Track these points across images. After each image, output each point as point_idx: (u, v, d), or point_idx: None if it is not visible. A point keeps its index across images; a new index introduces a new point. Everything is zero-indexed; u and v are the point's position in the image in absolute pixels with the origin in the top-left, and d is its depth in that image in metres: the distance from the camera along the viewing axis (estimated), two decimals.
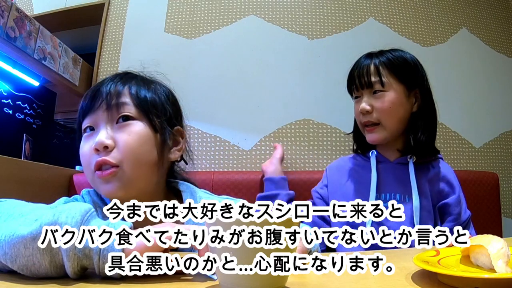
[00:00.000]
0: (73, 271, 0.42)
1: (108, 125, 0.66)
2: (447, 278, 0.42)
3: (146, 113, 0.69)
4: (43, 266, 0.42)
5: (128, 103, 0.68)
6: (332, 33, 1.82)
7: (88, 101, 0.68)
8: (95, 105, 0.67)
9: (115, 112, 0.66)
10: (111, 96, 0.67)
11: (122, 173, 0.64)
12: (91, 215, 0.45)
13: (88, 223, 0.44)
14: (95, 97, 0.67)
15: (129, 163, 0.64)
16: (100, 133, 0.65)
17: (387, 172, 1.00)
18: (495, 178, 1.59)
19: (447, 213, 0.95)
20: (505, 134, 1.81)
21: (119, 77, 0.72)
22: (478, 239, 0.48)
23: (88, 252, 0.42)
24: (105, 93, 0.67)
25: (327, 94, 1.73)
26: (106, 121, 0.66)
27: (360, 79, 0.99)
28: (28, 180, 1.28)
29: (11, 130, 1.99)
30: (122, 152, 0.64)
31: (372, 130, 0.99)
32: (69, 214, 0.43)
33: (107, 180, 0.64)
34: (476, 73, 1.84)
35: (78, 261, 0.42)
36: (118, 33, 1.88)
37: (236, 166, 1.67)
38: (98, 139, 0.64)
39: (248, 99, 1.74)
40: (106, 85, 0.69)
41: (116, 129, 0.66)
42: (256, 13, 1.84)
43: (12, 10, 1.37)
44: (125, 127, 0.66)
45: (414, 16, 1.88)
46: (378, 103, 0.97)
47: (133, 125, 0.67)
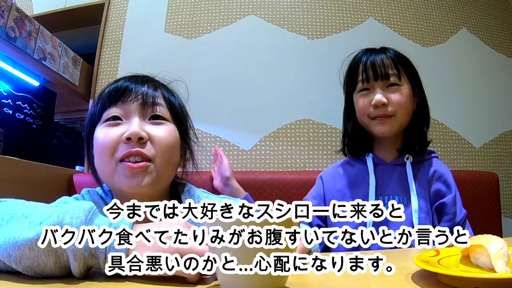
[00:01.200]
0: (79, 271, 0.43)
1: (141, 119, 0.65)
2: (447, 278, 0.42)
3: (176, 118, 0.70)
4: (48, 267, 0.42)
5: (162, 105, 0.69)
6: (332, 33, 1.82)
7: (116, 92, 0.67)
8: (127, 98, 0.66)
9: (149, 109, 0.66)
10: (147, 96, 0.67)
11: (153, 168, 0.64)
12: (94, 213, 0.45)
13: (92, 221, 0.44)
14: (125, 93, 0.66)
15: (161, 160, 0.64)
16: (134, 124, 0.63)
17: (385, 174, 0.99)
18: (495, 178, 1.59)
19: (443, 212, 0.94)
20: (505, 134, 1.81)
21: (149, 80, 0.71)
22: (478, 239, 0.48)
23: (94, 252, 0.42)
24: (141, 92, 0.67)
25: (327, 94, 1.72)
26: (139, 115, 0.66)
27: (375, 70, 0.94)
28: (28, 180, 1.28)
29: (11, 130, 1.99)
30: (156, 148, 0.64)
31: (385, 122, 0.95)
32: (73, 214, 0.43)
33: (135, 174, 0.62)
34: (476, 73, 1.84)
35: (84, 261, 0.42)
36: (118, 33, 1.88)
37: (236, 166, 1.67)
38: (133, 129, 0.62)
39: (248, 99, 1.74)
40: (139, 86, 0.68)
41: (149, 125, 0.66)
42: (256, 13, 1.84)
43: (12, 10, 1.37)
44: (159, 124, 0.67)
45: (414, 16, 1.88)
46: (395, 96, 0.94)
47: (166, 124, 0.68)
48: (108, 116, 0.66)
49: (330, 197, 1.01)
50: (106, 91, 0.69)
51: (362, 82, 0.98)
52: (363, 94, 0.98)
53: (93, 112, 0.69)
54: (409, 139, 1.00)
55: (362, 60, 0.98)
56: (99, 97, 0.69)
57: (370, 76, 0.96)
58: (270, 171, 1.63)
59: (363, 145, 1.04)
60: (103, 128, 0.65)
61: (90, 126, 0.69)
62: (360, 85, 0.99)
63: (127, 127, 0.64)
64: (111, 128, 0.65)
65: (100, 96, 0.69)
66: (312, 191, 1.08)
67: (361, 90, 0.99)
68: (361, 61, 0.98)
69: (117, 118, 0.65)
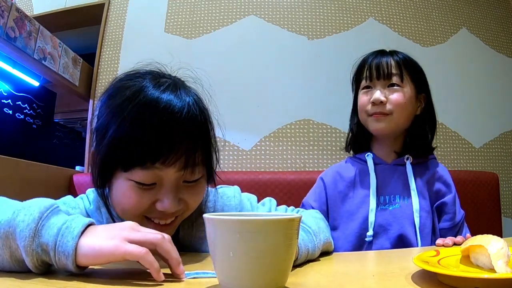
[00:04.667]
0: (34, 265, 0.43)
1: (175, 186, 0.59)
2: (447, 278, 0.42)
3: (208, 167, 0.64)
4: (5, 261, 0.44)
5: (200, 164, 0.61)
6: (332, 33, 1.82)
7: (149, 153, 0.55)
8: (163, 165, 0.56)
9: (187, 175, 0.59)
10: (188, 163, 0.57)
11: (179, 219, 0.63)
12: (52, 211, 0.45)
13: (48, 219, 0.44)
14: (160, 154, 0.55)
15: (188, 212, 0.63)
16: (169, 198, 0.57)
17: (385, 174, 1.00)
18: (495, 178, 1.59)
19: (444, 212, 0.96)
20: (505, 134, 1.81)
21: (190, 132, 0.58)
22: (478, 239, 0.48)
23: (46, 248, 0.43)
24: (179, 155, 0.56)
25: (327, 94, 1.73)
26: (175, 181, 0.58)
27: (378, 69, 0.98)
28: (28, 180, 1.28)
29: (11, 130, 1.99)
30: (189, 207, 0.62)
31: (380, 119, 0.97)
32: (28, 211, 0.44)
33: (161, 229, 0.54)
34: (476, 73, 1.84)
35: (37, 257, 0.43)
36: (118, 33, 1.88)
37: (236, 166, 1.67)
38: (169, 207, 0.57)
39: (248, 99, 1.74)
40: (177, 143, 0.56)
41: (184, 189, 0.60)
42: (256, 13, 1.84)
43: (12, 10, 1.37)
44: (193, 188, 0.62)
45: (414, 16, 1.88)
46: (394, 95, 0.96)
47: (200, 182, 0.63)
48: (137, 180, 0.56)
49: (332, 199, 1.02)
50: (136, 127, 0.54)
51: (366, 80, 1.01)
52: (365, 92, 1.01)
53: (114, 136, 0.55)
54: (410, 143, 1.01)
55: (368, 60, 1.02)
56: (124, 119, 0.55)
57: (373, 74, 0.99)
58: (270, 171, 1.63)
59: (364, 143, 1.06)
60: (132, 190, 0.56)
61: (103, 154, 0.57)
62: (364, 82, 1.02)
63: (160, 194, 0.57)
64: (141, 195, 0.57)
65: (126, 119, 0.54)
66: (312, 194, 1.08)
67: (363, 88, 1.02)
68: (367, 61, 1.02)
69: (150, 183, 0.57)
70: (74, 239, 0.42)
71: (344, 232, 0.96)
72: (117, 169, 0.57)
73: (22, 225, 0.42)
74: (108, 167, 0.57)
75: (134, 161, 0.55)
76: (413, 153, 1.00)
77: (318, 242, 0.63)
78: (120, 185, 0.57)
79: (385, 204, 0.96)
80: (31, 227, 0.42)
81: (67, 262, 0.42)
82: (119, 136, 0.55)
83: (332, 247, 0.73)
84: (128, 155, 0.55)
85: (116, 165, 0.56)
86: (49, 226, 0.43)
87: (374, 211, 0.94)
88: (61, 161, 1.66)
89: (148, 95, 0.56)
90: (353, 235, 0.94)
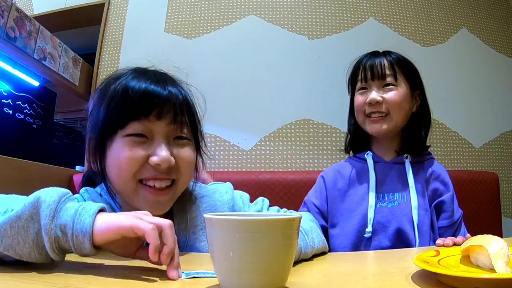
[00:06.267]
0: (51, 247, 0.44)
1: (166, 140, 0.63)
2: (447, 278, 0.42)
3: (194, 133, 0.69)
4: (27, 245, 0.44)
5: (187, 123, 0.66)
6: (332, 33, 1.82)
7: (140, 106, 0.61)
8: (154, 117, 0.62)
9: (176, 130, 0.64)
10: (176, 118, 0.63)
11: (174, 189, 0.65)
12: (68, 197, 0.48)
13: (65, 203, 0.47)
14: (150, 108, 0.62)
15: (183, 180, 0.66)
16: (162, 149, 0.61)
17: (384, 172, 1.01)
18: (495, 178, 1.59)
19: (442, 210, 0.97)
20: (505, 134, 1.81)
21: (176, 94, 0.65)
22: (478, 239, 0.48)
23: (64, 229, 0.45)
24: (167, 110, 0.63)
25: (327, 94, 1.73)
26: (165, 136, 0.63)
27: (373, 70, 1.00)
28: (28, 180, 1.28)
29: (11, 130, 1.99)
30: (181, 170, 0.64)
31: (378, 121, 0.99)
32: (48, 194, 0.46)
33: (157, 198, 0.63)
34: (476, 73, 1.84)
35: (55, 237, 0.45)
36: (118, 33, 1.88)
37: (236, 166, 1.67)
38: (163, 156, 0.60)
39: (248, 99, 1.74)
40: (165, 100, 0.63)
41: (174, 146, 0.64)
42: (256, 13, 1.84)
43: (12, 10, 1.38)
44: (183, 146, 0.65)
45: (414, 16, 1.88)
46: (389, 95, 0.98)
47: (188, 144, 0.66)
48: (131, 133, 0.61)
49: (332, 196, 1.04)
50: (122, 93, 0.62)
51: (361, 82, 1.03)
52: (361, 93, 1.03)
53: (105, 115, 0.62)
54: (407, 141, 1.02)
55: (362, 62, 1.04)
56: (111, 98, 0.62)
57: (368, 76, 1.01)
58: (270, 171, 1.63)
59: (362, 144, 1.08)
60: (126, 145, 0.61)
61: (98, 129, 0.63)
62: (359, 84, 1.04)
63: (152, 148, 0.61)
64: (135, 148, 0.61)
65: (113, 96, 0.62)
66: (313, 192, 1.09)
67: (359, 89, 1.04)
68: (362, 63, 1.04)
69: (141, 135, 0.61)
70: (91, 216, 0.45)
71: (343, 229, 0.97)
72: (115, 131, 0.61)
73: (44, 205, 0.45)
74: (107, 131, 0.62)
75: (130, 116, 0.61)
76: (414, 152, 1.01)
77: (310, 241, 0.63)
78: (116, 145, 0.61)
79: (384, 202, 0.97)
80: (52, 207, 0.45)
81: (84, 240, 0.44)
82: (115, 98, 0.62)
83: (326, 246, 0.73)
84: (125, 111, 0.61)
85: (113, 127, 0.61)
86: (67, 209, 0.46)
87: (373, 207, 0.95)
88: (61, 161, 1.65)
89: (132, 78, 0.64)
90: (352, 232, 0.95)
